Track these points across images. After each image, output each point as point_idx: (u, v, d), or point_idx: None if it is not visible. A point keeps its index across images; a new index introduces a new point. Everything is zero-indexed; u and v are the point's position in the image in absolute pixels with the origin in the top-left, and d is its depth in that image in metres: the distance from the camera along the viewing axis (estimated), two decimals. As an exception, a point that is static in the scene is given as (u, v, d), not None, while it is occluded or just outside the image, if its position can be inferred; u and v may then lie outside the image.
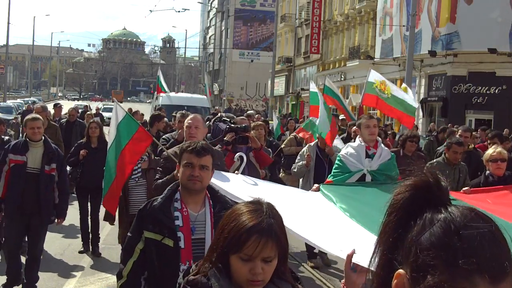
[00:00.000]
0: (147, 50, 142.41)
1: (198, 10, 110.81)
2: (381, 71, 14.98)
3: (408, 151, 8.22)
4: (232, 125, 7.00)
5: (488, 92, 24.10)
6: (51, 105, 16.50)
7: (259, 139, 7.31)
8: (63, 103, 25.44)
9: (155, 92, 26.43)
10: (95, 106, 39.21)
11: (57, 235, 9.05)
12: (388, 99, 10.45)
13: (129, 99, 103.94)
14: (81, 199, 8.49)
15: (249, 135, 6.76)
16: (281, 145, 10.36)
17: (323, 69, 41.46)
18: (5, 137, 8.38)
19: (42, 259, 6.89)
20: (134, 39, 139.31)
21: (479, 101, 24.31)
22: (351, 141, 10.13)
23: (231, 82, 66.50)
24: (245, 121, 7.75)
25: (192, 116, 5.35)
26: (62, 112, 16.01)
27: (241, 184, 4.24)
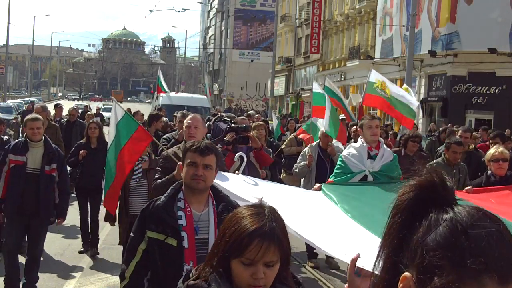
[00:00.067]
0: (147, 50, 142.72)
1: (198, 10, 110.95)
2: (381, 71, 14.99)
3: (409, 151, 8.19)
4: (232, 125, 6.97)
5: (488, 92, 24.09)
6: (51, 105, 16.50)
7: (260, 139, 7.28)
8: (63, 103, 25.41)
9: (155, 92, 26.40)
10: (95, 106, 39.21)
11: (57, 235, 9.04)
12: (388, 99, 10.46)
13: (129, 99, 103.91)
14: (80, 199, 8.48)
15: (250, 135, 6.74)
16: (281, 146, 10.35)
17: (323, 69, 41.45)
18: (5, 137, 8.36)
19: (42, 259, 6.89)
20: (134, 39, 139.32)
21: (479, 101, 24.30)
22: (350, 141, 10.16)
23: (231, 82, 66.48)
24: (246, 121, 7.74)
25: (191, 116, 5.32)
26: (63, 112, 16.00)
27: (242, 184, 4.22)
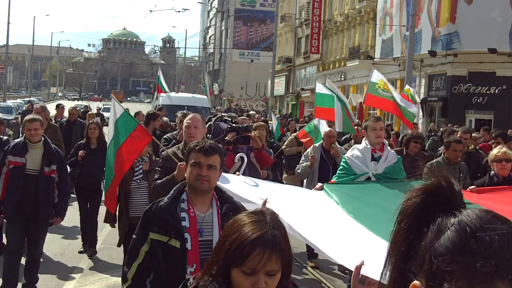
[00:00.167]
0: (147, 50, 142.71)
1: (198, 10, 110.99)
2: (381, 71, 14.95)
3: (411, 151, 8.16)
4: (233, 124, 6.91)
5: (488, 92, 24.07)
6: (51, 105, 16.43)
7: (261, 140, 7.21)
8: (63, 103, 25.34)
9: (155, 92, 26.37)
10: (94, 106, 39.15)
11: (57, 235, 9.03)
12: (391, 98, 10.46)
13: (129, 99, 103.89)
14: (80, 199, 8.46)
15: (251, 135, 6.67)
16: (281, 147, 10.34)
17: (323, 69, 41.44)
18: (4, 137, 8.28)
19: (42, 259, 6.88)
20: (134, 39, 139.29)
21: (479, 101, 24.28)
22: (351, 141, 10.16)
23: (231, 82, 66.47)
24: (247, 121, 7.68)
25: (191, 116, 5.25)
26: (64, 112, 15.90)
27: (243, 185, 4.17)
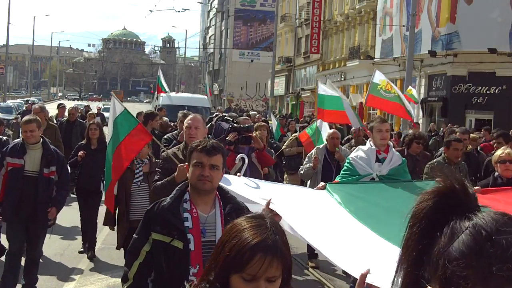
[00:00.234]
0: (147, 50, 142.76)
1: (198, 10, 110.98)
2: (381, 71, 14.90)
3: (413, 151, 8.11)
4: (235, 125, 6.86)
5: (488, 92, 24.06)
6: (51, 105, 16.40)
7: (262, 140, 7.16)
8: (64, 103, 25.32)
9: (155, 92, 26.35)
10: (94, 106, 39.11)
11: (57, 235, 9.01)
12: (394, 97, 10.43)
13: (129, 99, 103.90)
14: (80, 200, 8.44)
15: (252, 135, 6.63)
16: (282, 147, 10.34)
17: (323, 69, 41.45)
18: (3, 138, 8.18)
19: (41, 260, 6.86)
20: (134, 39, 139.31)
21: (479, 101, 24.27)
22: (351, 141, 10.16)
23: (231, 82, 66.45)
24: (248, 121, 7.62)
25: (191, 116, 5.21)
26: (65, 112, 15.88)
27: (245, 186, 4.12)
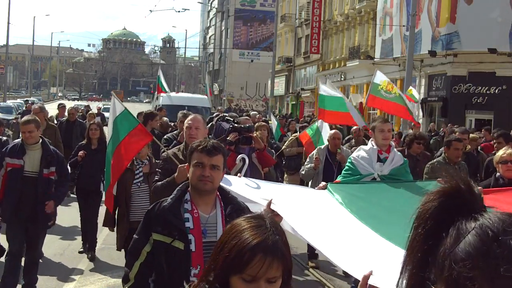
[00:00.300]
0: (147, 50, 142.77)
1: (198, 10, 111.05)
2: (381, 71, 14.87)
3: (414, 151, 8.10)
4: (235, 125, 6.82)
5: (488, 92, 24.06)
6: (51, 105, 16.40)
7: (262, 140, 7.12)
8: (64, 103, 25.33)
9: (155, 92, 26.35)
10: (94, 106, 39.10)
11: (56, 235, 9.02)
12: (395, 98, 10.41)
13: (129, 99, 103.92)
14: (80, 200, 8.43)
15: (253, 135, 6.60)
16: (282, 147, 10.34)
17: (323, 69, 41.45)
18: (3, 138, 8.15)
19: (41, 260, 6.86)
20: (134, 39, 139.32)
21: (479, 101, 24.28)
22: (351, 141, 10.16)
23: (231, 82, 66.45)
24: (249, 121, 7.59)
25: (192, 116, 5.19)
26: (66, 112, 15.85)
27: (245, 187, 4.11)
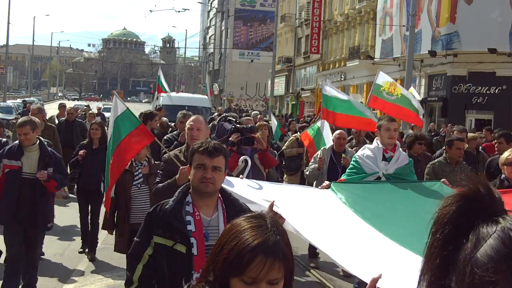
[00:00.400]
0: (147, 50, 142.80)
1: (198, 10, 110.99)
2: (382, 71, 14.84)
3: (415, 152, 8.07)
4: (238, 125, 6.77)
5: (488, 92, 24.06)
6: (51, 105, 16.38)
7: (264, 140, 7.10)
8: (65, 103, 25.31)
9: (156, 92, 26.35)
10: (93, 106, 39.05)
11: (56, 236, 9.02)
12: (397, 100, 10.38)
13: (129, 99, 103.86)
14: (80, 200, 8.41)
15: (255, 136, 6.56)
16: (282, 147, 10.34)
17: (323, 69, 41.45)
18: (3, 139, 8.04)
19: (41, 260, 6.84)
20: (134, 39, 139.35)
21: (479, 101, 24.27)
22: (352, 141, 10.15)
23: (231, 82, 66.44)
24: (251, 122, 7.55)
25: (194, 117, 5.14)
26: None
27: (247, 188, 4.08)
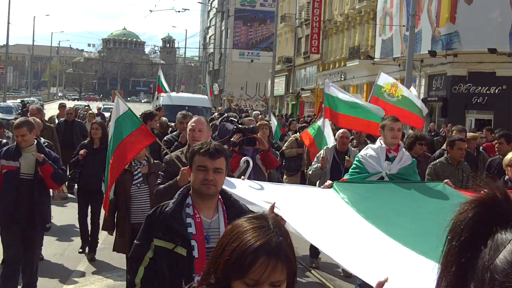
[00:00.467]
0: (147, 50, 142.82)
1: (198, 10, 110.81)
2: (382, 71, 14.85)
3: (415, 153, 8.03)
4: (239, 125, 6.75)
5: (488, 92, 24.06)
6: (51, 105, 16.39)
7: (264, 140, 7.07)
8: (65, 103, 25.33)
9: (156, 92, 26.35)
10: (94, 106, 39.08)
11: (56, 236, 9.02)
12: (398, 101, 10.35)
13: (129, 99, 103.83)
14: (81, 200, 8.42)
15: (257, 136, 6.53)
16: (283, 147, 10.35)
17: (323, 69, 41.44)
18: (3, 140, 8.00)
19: (41, 261, 6.83)
20: (134, 39, 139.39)
21: (479, 101, 24.27)
22: (353, 141, 10.15)
23: (231, 82, 66.44)
24: (253, 122, 7.52)
25: (195, 118, 5.11)
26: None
27: (249, 189, 4.06)
